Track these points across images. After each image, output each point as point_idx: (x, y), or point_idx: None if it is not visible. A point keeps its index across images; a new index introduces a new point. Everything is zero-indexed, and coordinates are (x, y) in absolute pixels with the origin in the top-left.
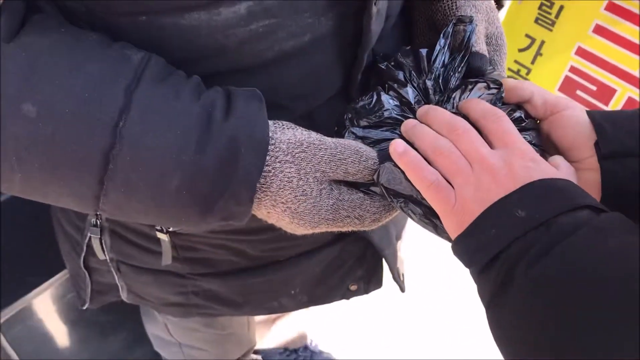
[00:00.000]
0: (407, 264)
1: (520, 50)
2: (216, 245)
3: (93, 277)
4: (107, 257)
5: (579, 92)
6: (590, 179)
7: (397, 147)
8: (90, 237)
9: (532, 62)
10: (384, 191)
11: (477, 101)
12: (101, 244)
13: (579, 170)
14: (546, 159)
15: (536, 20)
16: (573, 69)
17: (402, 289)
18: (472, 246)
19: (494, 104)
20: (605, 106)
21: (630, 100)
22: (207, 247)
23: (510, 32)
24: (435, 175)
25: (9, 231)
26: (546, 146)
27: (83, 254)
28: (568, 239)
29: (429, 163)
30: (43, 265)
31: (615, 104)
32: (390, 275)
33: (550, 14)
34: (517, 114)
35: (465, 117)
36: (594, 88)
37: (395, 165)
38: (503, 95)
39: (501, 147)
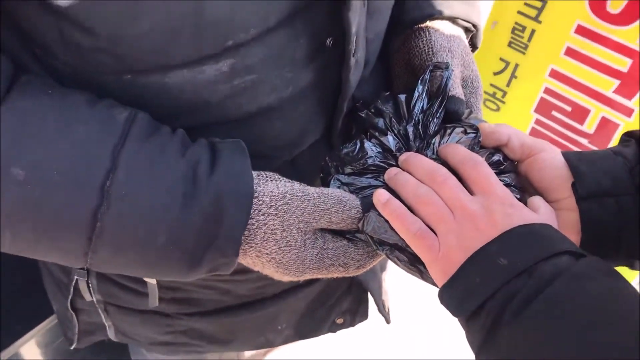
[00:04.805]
0: (392, 295)
1: (496, 74)
2: (202, 285)
3: (80, 317)
4: (94, 299)
5: (554, 113)
6: (570, 219)
7: (380, 197)
8: (77, 280)
9: (508, 85)
10: (369, 239)
11: (455, 147)
12: (88, 286)
13: (558, 210)
14: (525, 199)
15: (509, 44)
16: (548, 91)
17: (388, 321)
18: (458, 295)
19: (472, 147)
20: (581, 125)
21: (604, 120)
22: (193, 287)
23: (485, 55)
24: (418, 224)
25: None
26: (525, 187)
27: (70, 296)
28: (549, 287)
29: (412, 211)
30: (29, 313)
31: (590, 124)
32: (376, 308)
33: (522, 37)
34: (495, 157)
35: (445, 162)
36: (569, 109)
37: (380, 214)
38: (480, 139)
39: (480, 193)
